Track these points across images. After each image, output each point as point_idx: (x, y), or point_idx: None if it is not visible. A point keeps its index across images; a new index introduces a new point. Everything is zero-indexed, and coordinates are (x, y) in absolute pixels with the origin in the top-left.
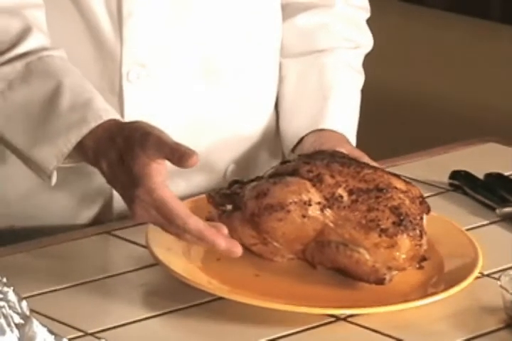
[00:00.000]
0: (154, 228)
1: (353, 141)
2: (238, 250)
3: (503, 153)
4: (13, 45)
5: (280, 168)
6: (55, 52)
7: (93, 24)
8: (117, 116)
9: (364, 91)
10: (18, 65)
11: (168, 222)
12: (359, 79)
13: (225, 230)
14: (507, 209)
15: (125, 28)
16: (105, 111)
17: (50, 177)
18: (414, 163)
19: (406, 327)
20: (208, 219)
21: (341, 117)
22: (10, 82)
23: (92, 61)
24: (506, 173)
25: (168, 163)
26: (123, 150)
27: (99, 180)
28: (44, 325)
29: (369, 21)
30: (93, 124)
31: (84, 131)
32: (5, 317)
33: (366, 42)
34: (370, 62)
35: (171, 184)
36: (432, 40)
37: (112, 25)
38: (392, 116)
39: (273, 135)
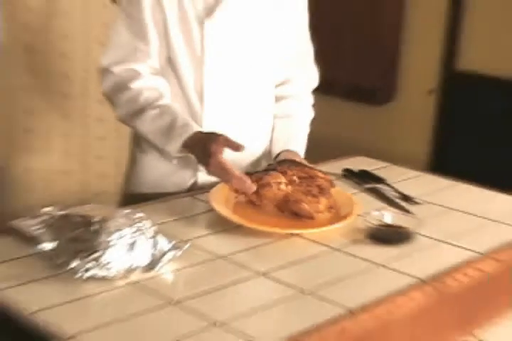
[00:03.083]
0: (214, 193)
1: (302, 155)
2: (253, 187)
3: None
4: (159, 97)
5: (268, 167)
6: (171, 104)
7: (188, 100)
8: (201, 130)
9: None
10: (158, 108)
11: (224, 174)
12: (308, 122)
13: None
14: (367, 186)
15: (205, 102)
16: (196, 128)
17: (173, 159)
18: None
19: (331, 239)
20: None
21: (297, 144)
22: (153, 116)
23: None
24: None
25: None
26: (206, 145)
27: (194, 171)
28: (166, 239)
29: None
30: (188, 134)
31: (185, 138)
32: (143, 233)
33: (308, 110)
34: None
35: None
36: None
37: (199, 100)
38: None
39: (269, 151)
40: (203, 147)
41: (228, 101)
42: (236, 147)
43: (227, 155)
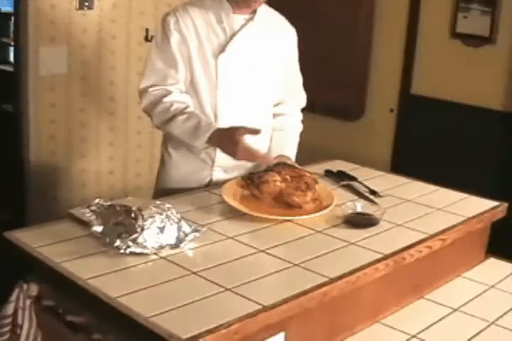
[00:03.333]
0: (225, 188)
1: (293, 159)
2: (274, 161)
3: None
4: (186, 107)
5: (267, 168)
6: (195, 111)
7: (205, 115)
8: (220, 127)
9: None
10: (186, 114)
11: (251, 156)
12: (298, 134)
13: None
14: (343, 183)
15: (219, 117)
16: (215, 126)
17: (200, 152)
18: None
19: (315, 223)
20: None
21: (289, 151)
22: (182, 120)
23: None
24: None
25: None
26: (230, 135)
27: (210, 171)
28: (188, 223)
29: None
30: (212, 130)
31: (209, 133)
32: (170, 219)
33: (298, 124)
34: None
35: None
36: None
37: (213, 114)
38: None
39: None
40: (228, 138)
41: (236, 116)
42: (254, 132)
43: None
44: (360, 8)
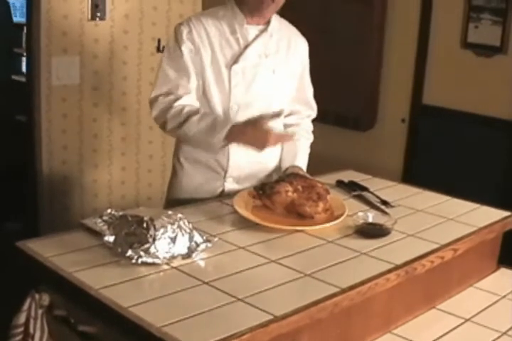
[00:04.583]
0: (237, 199)
1: (305, 169)
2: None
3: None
4: (199, 108)
5: (278, 178)
6: (208, 112)
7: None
8: (235, 124)
9: None
10: (200, 114)
11: (280, 138)
12: (309, 144)
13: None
14: (355, 193)
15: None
16: (232, 122)
17: (217, 151)
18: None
19: (327, 234)
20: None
21: (301, 161)
22: (197, 119)
23: None
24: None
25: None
26: (255, 127)
27: (222, 182)
28: (200, 234)
29: None
30: (230, 125)
31: (227, 128)
32: (182, 229)
33: (309, 135)
34: None
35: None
36: None
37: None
38: None
39: (279, 167)
40: (256, 129)
41: None
42: (275, 115)
43: (246, 166)
44: (371, 19)
